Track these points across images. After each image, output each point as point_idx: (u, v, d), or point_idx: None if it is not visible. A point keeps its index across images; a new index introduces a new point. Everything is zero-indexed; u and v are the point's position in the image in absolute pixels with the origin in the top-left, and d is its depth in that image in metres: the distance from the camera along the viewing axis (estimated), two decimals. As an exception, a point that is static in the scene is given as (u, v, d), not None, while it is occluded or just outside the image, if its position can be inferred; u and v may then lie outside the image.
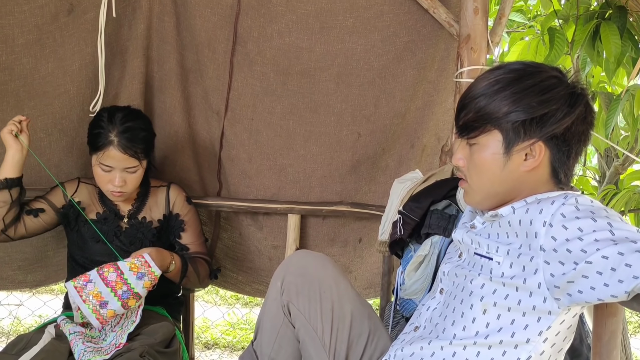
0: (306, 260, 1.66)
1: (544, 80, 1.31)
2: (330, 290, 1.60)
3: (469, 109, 1.35)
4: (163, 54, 2.52)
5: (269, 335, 1.65)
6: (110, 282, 1.90)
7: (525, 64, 1.35)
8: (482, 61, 2.23)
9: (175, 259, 2.11)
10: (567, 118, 1.29)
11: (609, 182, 3.01)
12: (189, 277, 2.17)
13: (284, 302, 1.61)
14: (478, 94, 1.34)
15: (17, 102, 2.40)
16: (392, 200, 2.14)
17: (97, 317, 1.88)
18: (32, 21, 2.31)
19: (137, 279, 1.92)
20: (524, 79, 1.31)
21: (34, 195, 2.47)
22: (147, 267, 1.95)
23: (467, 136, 1.37)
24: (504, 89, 1.31)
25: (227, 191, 2.68)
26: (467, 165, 1.40)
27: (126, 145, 2.04)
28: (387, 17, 2.41)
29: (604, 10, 2.39)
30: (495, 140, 1.33)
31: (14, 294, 3.77)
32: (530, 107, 1.28)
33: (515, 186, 1.35)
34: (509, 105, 1.29)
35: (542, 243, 1.25)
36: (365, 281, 2.76)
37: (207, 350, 3.94)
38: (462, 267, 1.44)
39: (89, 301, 1.88)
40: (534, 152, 1.31)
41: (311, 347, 1.59)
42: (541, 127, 1.29)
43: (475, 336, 1.34)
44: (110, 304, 1.88)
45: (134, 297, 1.92)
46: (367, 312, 1.66)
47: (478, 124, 1.33)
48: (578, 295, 1.20)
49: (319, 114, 2.53)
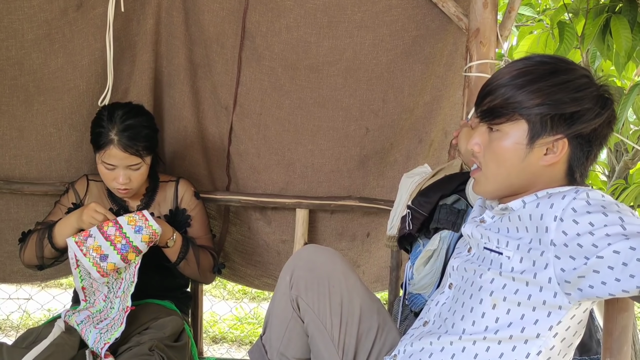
0: (315, 254, 1.65)
1: (577, 78, 1.29)
2: (340, 285, 1.60)
3: (496, 95, 1.33)
4: (172, 49, 2.52)
5: (278, 329, 1.65)
6: (110, 236, 1.94)
7: (557, 59, 1.34)
8: (491, 55, 2.22)
9: (177, 236, 2.11)
10: (597, 119, 1.29)
11: (618, 177, 3.00)
12: (188, 261, 2.15)
13: (293, 296, 1.61)
14: (507, 82, 1.32)
15: (27, 97, 2.42)
16: (401, 194, 2.13)
17: (98, 270, 1.93)
18: (41, 16, 2.32)
19: (135, 232, 1.95)
20: (558, 74, 1.29)
21: (44, 189, 2.50)
22: (145, 220, 1.97)
23: (492, 122, 1.35)
24: (537, 80, 1.29)
25: (235, 186, 2.69)
26: (484, 152, 1.38)
27: (127, 144, 2.03)
28: (396, 11, 2.40)
29: (614, 4, 2.37)
30: (520, 130, 1.31)
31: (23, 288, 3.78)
32: (563, 102, 1.27)
33: (530, 180, 1.35)
34: (542, 97, 1.28)
35: (552, 238, 1.24)
36: (372, 275, 2.76)
37: (215, 345, 3.95)
38: (472, 261, 1.43)
39: (89, 255, 1.93)
40: (555, 148, 1.30)
41: (320, 342, 1.59)
42: (570, 125, 1.28)
43: (484, 331, 1.33)
44: (110, 257, 1.92)
45: (133, 251, 1.95)
46: (376, 307, 1.66)
47: (506, 111, 1.31)
48: (589, 290, 1.19)
49: (327, 109, 2.53)
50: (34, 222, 2.45)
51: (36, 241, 2.10)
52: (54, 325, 1.97)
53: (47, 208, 2.50)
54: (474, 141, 1.40)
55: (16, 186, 2.50)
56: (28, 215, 2.58)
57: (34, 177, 2.52)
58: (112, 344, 1.89)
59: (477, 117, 1.40)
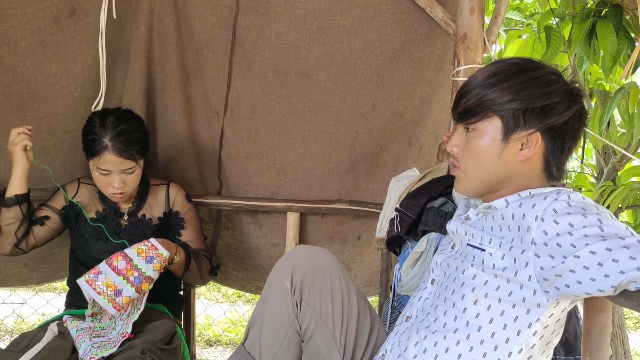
0: (313, 254, 1.64)
1: (545, 74, 1.36)
2: (340, 283, 1.60)
3: (470, 96, 1.38)
4: (164, 55, 2.55)
5: (275, 335, 1.59)
6: (122, 271, 1.91)
7: (526, 59, 1.40)
8: (478, 60, 2.26)
9: (180, 251, 2.12)
10: (566, 112, 1.34)
11: (606, 179, 3.02)
12: (192, 271, 2.17)
13: (296, 300, 1.58)
14: (480, 82, 1.38)
15: (21, 103, 2.43)
16: (390, 197, 2.16)
17: (114, 305, 1.90)
18: (34, 24, 2.34)
19: (146, 263, 1.93)
20: (527, 72, 1.35)
21: (37, 195, 2.51)
22: (154, 249, 1.96)
23: (467, 121, 1.40)
24: (507, 78, 1.35)
25: (227, 190, 2.71)
26: (462, 152, 1.43)
27: (121, 148, 2.04)
28: (385, 17, 2.43)
29: (600, 9, 2.41)
30: (494, 126, 1.36)
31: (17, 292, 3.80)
32: (533, 97, 1.33)
33: (508, 175, 1.39)
34: (512, 93, 1.33)
35: (533, 237, 1.28)
36: (365, 279, 2.78)
37: (209, 348, 3.97)
38: (455, 257, 1.46)
39: (103, 292, 1.89)
40: (530, 143, 1.35)
41: (321, 342, 1.57)
42: (541, 118, 1.33)
43: (466, 327, 1.36)
44: (125, 291, 1.90)
45: (146, 281, 1.93)
46: (367, 305, 1.68)
47: (479, 109, 1.37)
48: (566, 289, 1.23)
49: (317, 113, 2.56)
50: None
51: None
52: (47, 329, 1.98)
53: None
54: (453, 142, 1.45)
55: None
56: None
57: (28, 183, 2.53)
58: None
59: (454, 119, 1.44)
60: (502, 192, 1.41)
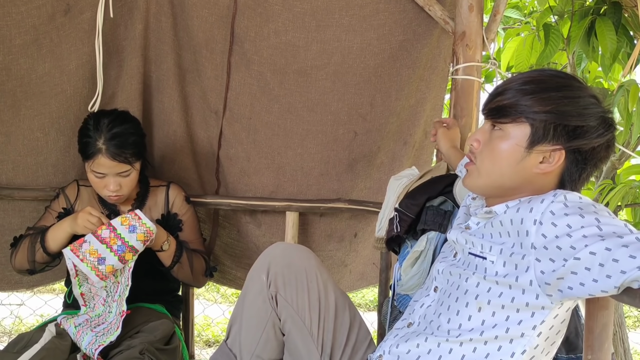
0: (290, 251, 1.67)
1: (587, 97, 1.33)
2: (317, 280, 1.62)
3: (506, 96, 1.35)
4: (160, 54, 2.53)
5: (254, 330, 1.63)
6: (105, 239, 1.94)
7: (570, 76, 1.37)
8: (477, 58, 2.25)
9: (172, 240, 2.12)
10: (598, 139, 1.31)
11: (605, 177, 3.02)
12: (182, 265, 2.16)
13: (272, 293, 1.61)
14: (519, 86, 1.35)
15: (14, 102, 2.41)
16: (389, 197, 2.15)
17: (97, 273, 1.92)
18: (29, 22, 2.32)
19: (129, 232, 1.95)
20: (569, 89, 1.33)
21: (33, 195, 2.50)
22: (138, 219, 1.98)
23: (497, 120, 1.37)
24: (549, 90, 1.32)
25: (225, 189, 2.70)
26: (482, 149, 1.40)
27: (115, 152, 2.02)
28: (383, 15, 2.42)
29: (599, 6, 2.40)
30: (522, 132, 1.33)
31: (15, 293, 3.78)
32: (569, 115, 1.30)
33: (521, 184, 1.36)
34: (550, 105, 1.30)
35: (533, 241, 1.26)
36: (358, 273, 2.79)
37: (209, 348, 3.96)
38: (457, 266, 1.45)
39: (86, 259, 1.92)
40: (552, 158, 1.32)
41: (298, 339, 1.59)
42: (571, 138, 1.30)
43: (470, 332, 1.35)
44: (108, 259, 1.93)
45: (130, 251, 1.95)
46: (347, 303, 1.69)
47: (513, 112, 1.34)
48: (569, 291, 1.22)
49: (315, 113, 2.55)
50: (21, 227, 2.46)
51: (28, 246, 2.10)
52: (45, 330, 1.97)
53: (35, 214, 2.51)
54: (475, 137, 1.42)
55: (6, 192, 2.50)
56: (15, 221, 2.57)
57: (21, 183, 2.52)
58: (104, 347, 1.90)
59: (484, 114, 1.42)
60: (509, 198, 1.39)
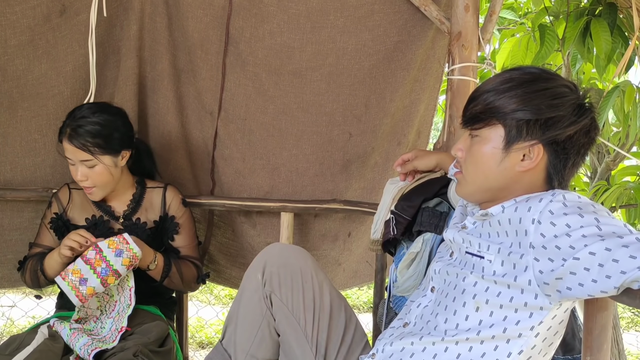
0: (286, 251, 1.68)
1: (556, 87, 1.32)
2: (312, 280, 1.62)
3: (477, 102, 1.36)
4: (155, 55, 2.53)
5: (249, 330, 1.63)
6: (90, 260, 1.92)
7: (542, 70, 1.37)
8: (473, 58, 2.25)
9: (158, 258, 2.12)
10: (571, 127, 1.31)
11: (600, 178, 3.03)
12: (172, 278, 2.17)
13: (267, 293, 1.61)
14: (490, 88, 1.35)
15: (11, 103, 2.41)
16: (385, 199, 2.14)
17: (77, 294, 1.90)
18: (24, 22, 2.31)
19: (115, 256, 1.93)
20: (537, 82, 1.32)
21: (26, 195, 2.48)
22: (125, 244, 1.95)
23: (472, 127, 1.38)
24: (516, 87, 1.32)
25: (220, 190, 2.69)
26: (465, 157, 1.42)
27: (72, 135, 2.02)
28: (378, 17, 2.42)
29: (594, 7, 2.41)
30: (497, 134, 1.34)
31: (7, 295, 3.77)
32: (538, 109, 1.30)
33: (508, 184, 1.36)
34: (518, 103, 1.31)
35: (531, 240, 1.26)
36: (351, 271, 2.79)
37: (202, 350, 3.95)
38: (454, 265, 1.44)
39: (68, 278, 1.90)
40: (531, 154, 1.32)
41: (293, 339, 1.59)
42: (544, 130, 1.30)
43: (467, 331, 1.35)
44: (90, 281, 1.90)
45: (113, 275, 1.93)
46: (343, 304, 1.68)
47: (484, 116, 1.35)
48: (568, 292, 1.21)
49: (310, 114, 2.54)
50: (18, 228, 2.45)
51: (31, 271, 2.13)
52: (37, 332, 1.96)
53: (32, 214, 2.52)
54: (458, 147, 1.44)
55: (1, 192, 2.48)
56: (13, 222, 2.56)
57: (19, 183, 2.51)
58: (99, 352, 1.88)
59: (462, 124, 1.43)
60: (501, 201, 1.38)
